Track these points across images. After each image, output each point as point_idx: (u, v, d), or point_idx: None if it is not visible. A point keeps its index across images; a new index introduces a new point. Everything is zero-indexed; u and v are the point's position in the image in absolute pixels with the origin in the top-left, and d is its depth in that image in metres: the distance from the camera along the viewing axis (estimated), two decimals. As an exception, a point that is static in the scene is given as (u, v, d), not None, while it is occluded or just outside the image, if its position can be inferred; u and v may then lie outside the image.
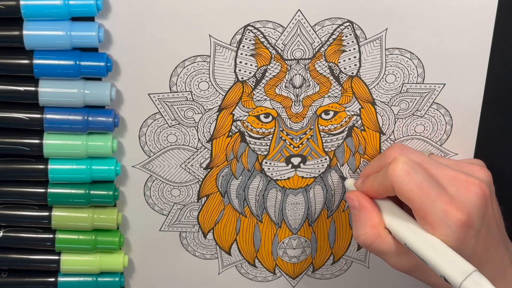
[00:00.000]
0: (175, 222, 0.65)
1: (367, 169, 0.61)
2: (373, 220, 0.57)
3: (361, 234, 0.57)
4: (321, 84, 0.60)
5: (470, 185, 0.55)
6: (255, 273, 0.68)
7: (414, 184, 0.54)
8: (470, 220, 0.54)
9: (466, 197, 0.55)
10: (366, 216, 0.57)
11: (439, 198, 0.54)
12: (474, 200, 0.55)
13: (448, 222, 0.54)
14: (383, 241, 0.57)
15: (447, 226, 0.54)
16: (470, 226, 0.54)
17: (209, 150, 0.62)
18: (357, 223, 0.58)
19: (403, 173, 0.55)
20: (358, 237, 0.57)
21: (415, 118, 0.62)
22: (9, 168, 0.59)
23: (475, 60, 0.60)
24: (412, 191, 0.54)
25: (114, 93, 0.58)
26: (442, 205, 0.54)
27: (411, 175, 0.55)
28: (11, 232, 0.62)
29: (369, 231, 0.57)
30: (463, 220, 0.54)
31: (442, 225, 0.54)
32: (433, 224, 0.54)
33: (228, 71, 0.59)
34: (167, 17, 0.57)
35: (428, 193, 0.54)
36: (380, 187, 0.57)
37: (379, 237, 0.57)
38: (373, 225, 0.57)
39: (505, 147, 0.64)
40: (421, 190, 0.54)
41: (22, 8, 0.54)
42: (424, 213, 0.54)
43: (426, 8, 0.58)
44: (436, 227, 0.54)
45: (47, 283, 0.63)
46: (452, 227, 0.54)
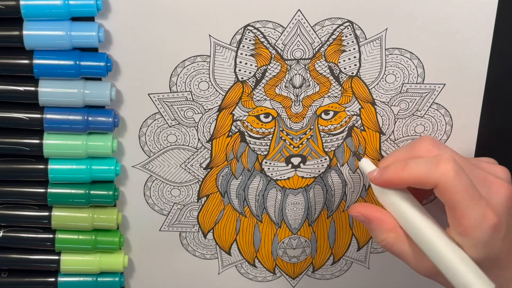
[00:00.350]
0: (175, 222, 0.65)
1: (390, 157, 0.58)
2: (386, 226, 0.56)
3: (381, 241, 0.56)
4: (321, 84, 0.60)
5: (499, 187, 0.55)
6: (255, 273, 0.68)
7: (462, 187, 0.53)
8: (500, 223, 0.53)
9: (497, 199, 0.54)
10: (379, 226, 0.56)
11: (479, 201, 0.53)
12: (503, 202, 0.54)
13: (484, 226, 0.53)
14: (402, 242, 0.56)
15: (482, 230, 0.53)
16: (500, 230, 0.53)
17: (209, 150, 0.62)
18: (373, 232, 0.57)
19: (454, 174, 0.53)
20: (379, 243, 0.57)
21: (415, 118, 0.62)
22: (9, 168, 0.59)
23: (475, 60, 0.60)
24: (459, 193, 0.53)
25: (114, 93, 0.58)
26: (482, 208, 0.53)
27: (460, 177, 0.53)
28: (11, 232, 0.62)
29: (388, 237, 0.56)
30: (497, 223, 0.53)
31: (476, 229, 0.53)
32: (467, 227, 0.53)
33: (228, 71, 0.59)
34: (167, 17, 0.57)
35: (472, 196, 0.53)
36: (414, 178, 0.54)
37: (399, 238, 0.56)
38: (388, 230, 0.56)
39: (505, 147, 0.64)
40: (467, 193, 0.53)
41: (22, 8, 0.54)
42: (462, 215, 0.53)
43: (426, 8, 0.58)
44: (469, 230, 0.53)
45: (47, 283, 0.63)
46: (487, 231, 0.53)
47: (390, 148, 0.63)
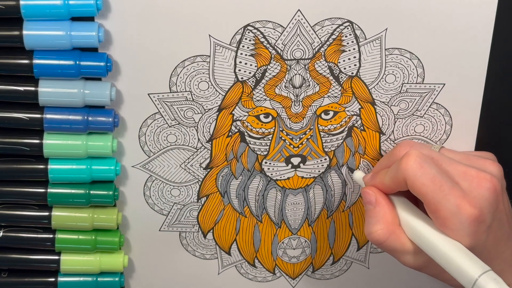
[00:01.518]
0: (175, 222, 0.65)
1: (377, 166, 0.61)
2: (388, 216, 0.57)
3: (375, 231, 0.56)
4: (321, 84, 0.60)
5: (481, 180, 0.55)
6: (255, 273, 0.68)
7: (427, 178, 0.54)
8: (482, 215, 0.53)
9: (478, 192, 0.54)
10: (381, 212, 0.57)
11: (452, 192, 0.53)
12: (486, 195, 0.54)
13: (460, 217, 0.53)
14: (396, 239, 0.56)
15: (459, 221, 0.53)
16: (482, 222, 0.54)
17: (209, 150, 0.62)
18: (371, 219, 0.57)
19: (416, 166, 0.54)
20: (371, 233, 0.56)
21: (415, 118, 0.62)
22: (9, 168, 0.59)
23: (475, 60, 0.60)
24: (425, 185, 0.54)
25: (114, 93, 0.58)
26: (455, 199, 0.53)
27: (424, 168, 0.54)
28: (11, 232, 0.62)
29: (384, 228, 0.56)
30: (476, 215, 0.53)
31: (454, 220, 0.53)
32: (445, 218, 0.53)
33: (228, 71, 0.59)
34: (167, 17, 0.57)
35: (441, 186, 0.53)
36: (391, 181, 0.56)
37: (393, 234, 0.56)
38: (388, 222, 0.56)
39: (505, 147, 0.64)
40: (434, 184, 0.54)
41: (22, 8, 0.54)
42: (436, 207, 0.54)
43: (426, 8, 0.58)
44: (448, 222, 0.53)
45: (47, 283, 0.63)
46: (464, 222, 0.53)
47: (390, 148, 0.63)
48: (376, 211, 0.57)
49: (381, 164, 0.61)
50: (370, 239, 0.57)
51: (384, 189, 0.58)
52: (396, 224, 0.57)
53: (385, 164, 0.60)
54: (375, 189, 0.58)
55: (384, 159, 0.61)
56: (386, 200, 0.57)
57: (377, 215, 0.57)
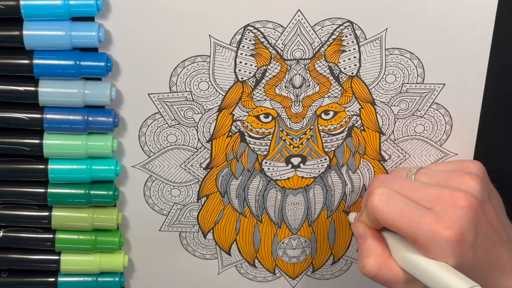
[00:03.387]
0: (175, 222, 0.65)
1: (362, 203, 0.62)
2: (378, 248, 0.58)
3: (366, 264, 0.57)
4: (321, 84, 0.60)
5: (455, 199, 0.55)
6: (255, 273, 0.68)
7: (395, 212, 0.55)
8: (460, 235, 0.54)
9: (453, 213, 0.55)
10: (372, 245, 0.58)
11: (422, 219, 0.54)
12: (462, 214, 0.55)
13: (439, 241, 0.54)
14: (389, 270, 0.57)
15: (439, 246, 0.54)
16: (462, 241, 0.54)
17: (209, 150, 0.62)
18: (363, 253, 0.58)
19: (381, 204, 0.55)
20: (363, 267, 0.57)
21: (415, 118, 0.62)
22: (9, 168, 0.59)
23: (475, 60, 0.60)
24: (395, 219, 0.55)
25: (114, 93, 0.58)
26: (428, 225, 0.54)
27: (389, 205, 0.55)
28: (11, 232, 0.62)
29: (375, 260, 0.57)
30: (453, 236, 0.54)
31: (433, 245, 0.54)
32: (425, 245, 0.54)
33: (228, 71, 0.59)
34: (167, 17, 0.57)
35: (410, 217, 0.54)
36: (368, 221, 0.58)
37: (385, 265, 0.57)
38: (378, 254, 0.57)
39: (505, 147, 0.64)
40: (403, 217, 0.55)
41: (22, 8, 0.54)
42: (414, 237, 0.55)
43: (426, 8, 0.58)
44: (428, 248, 0.54)
45: (47, 283, 0.63)
46: (444, 246, 0.54)
47: (390, 148, 0.63)
48: (366, 245, 0.58)
49: (363, 202, 0.62)
50: (363, 273, 0.58)
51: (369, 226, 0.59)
52: (386, 255, 0.57)
53: (364, 202, 0.61)
54: (363, 224, 0.59)
55: (364, 198, 0.62)
56: (375, 233, 0.58)
57: (368, 248, 0.58)
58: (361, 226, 0.59)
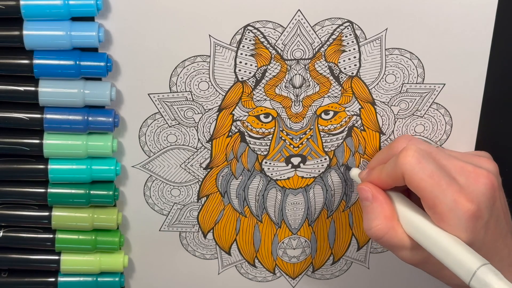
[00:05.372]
0: (175, 222, 0.65)
1: (374, 160, 0.61)
2: (386, 211, 0.56)
3: (373, 226, 0.56)
4: (321, 84, 0.60)
5: (478, 175, 0.55)
6: (255, 273, 0.68)
7: (425, 173, 0.54)
8: (479, 210, 0.53)
9: (475, 187, 0.54)
10: (379, 207, 0.56)
11: (449, 187, 0.53)
12: (483, 191, 0.54)
13: (458, 212, 0.53)
14: (395, 234, 0.56)
15: (457, 217, 0.53)
16: (479, 217, 0.53)
17: (209, 150, 0.62)
18: (369, 215, 0.57)
19: (414, 161, 0.54)
20: (370, 229, 0.56)
21: (415, 118, 0.62)
22: (9, 168, 0.59)
23: (475, 60, 0.60)
24: (423, 180, 0.54)
25: (114, 93, 0.58)
26: (453, 194, 0.53)
27: (422, 164, 0.54)
28: (11, 232, 0.62)
29: (382, 223, 0.56)
30: (473, 210, 0.53)
31: (451, 215, 0.53)
32: (442, 214, 0.53)
33: (228, 71, 0.59)
34: (167, 17, 0.57)
35: (438, 181, 0.53)
36: (388, 176, 0.56)
37: (392, 229, 0.56)
38: (386, 217, 0.56)
39: (505, 147, 0.64)
40: (432, 179, 0.53)
41: (22, 8, 0.54)
42: (434, 202, 0.53)
43: (426, 8, 0.58)
44: (445, 217, 0.53)
45: (47, 283, 0.63)
46: (461, 218, 0.53)
47: (390, 148, 0.63)
48: (373, 207, 0.57)
49: (377, 159, 0.60)
50: (369, 235, 0.57)
51: (380, 185, 0.58)
52: (394, 219, 0.56)
53: (382, 158, 0.59)
54: (371, 185, 0.58)
55: (381, 154, 0.60)
56: (383, 195, 0.57)
57: (375, 210, 0.57)
58: (368, 187, 0.57)
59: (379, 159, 0.60)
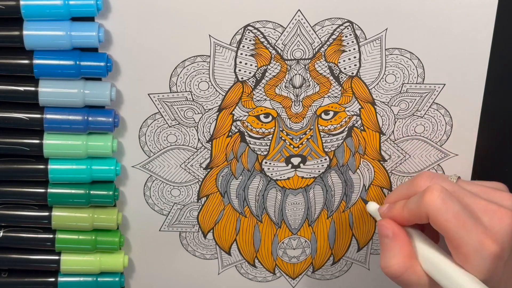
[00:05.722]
0: (175, 222, 0.65)
1: (393, 195, 0.60)
2: (405, 250, 0.56)
3: (392, 265, 0.55)
4: (321, 84, 0.60)
5: (503, 215, 0.54)
6: (255, 273, 0.68)
7: (451, 214, 0.53)
8: (502, 251, 0.53)
9: (499, 227, 0.54)
10: (398, 245, 0.56)
11: (474, 228, 0.53)
12: (507, 231, 0.54)
13: (483, 253, 0.53)
14: (413, 273, 0.55)
15: (481, 257, 0.53)
16: (501, 258, 0.54)
17: (209, 150, 0.62)
18: (388, 253, 0.56)
19: (440, 202, 0.54)
20: (388, 267, 0.55)
21: (415, 118, 0.62)
22: (9, 168, 0.59)
23: (475, 60, 0.60)
24: (448, 221, 0.53)
25: (114, 93, 0.58)
26: (478, 235, 0.53)
27: (447, 204, 0.54)
28: (11, 232, 0.62)
29: (401, 262, 0.55)
30: (497, 251, 0.53)
31: (476, 257, 0.53)
32: (466, 254, 0.53)
33: (228, 71, 0.59)
34: (167, 17, 0.57)
35: (464, 222, 0.53)
36: (411, 214, 0.56)
37: (410, 268, 0.55)
38: (405, 255, 0.55)
39: (505, 147, 0.64)
40: (458, 220, 0.53)
41: (22, 8, 0.54)
42: (459, 243, 0.53)
43: (426, 8, 0.58)
44: (469, 258, 0.53)
45: (47, 283, 0.63)
46: (486, 259, 0.53)
47: (390, 148, 0.63)
48: (393, 245, 0.56)
49: (398, 195, 0.59)
50: (386, 273, 0.56)
51: (401, 221, 0.57)
52: (413, 258, 0.56)
53: (403, 194, 0.59)
54: (392, 222, 0.57)
55: (402, 190, 0.59)
56: (403, 233, 0.57)
57: (394, 248, 0.56)
58: (390, 225, 0.57)
59: (398, 195, 0.59)
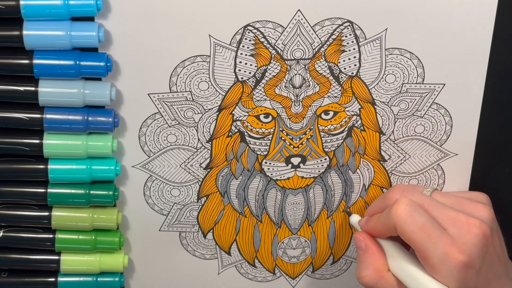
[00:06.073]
0: (175, 222, 0.65)
1: (370, 209, 0.62)
2: (377, 262, 0.58)
3: (364, 276, 0.58)
4: (321, 84, 0.60)
5: (471, 226, 0.55)
6: (255, 273, 0.68)
7: (416, 226, 0.55)
8: (470, 261, 0.54)
9: (467, 238, 0.55)
10: (371, 258, 0.59)
11: (440, 240, 0.55)
12: (475, 242, 0.55)
13: (449, 264, 0.54)
14: (385, 283, 0.58)
15: (448, 268, 0.54)
16: (470, 267, 0.55)
17: (209, 150, 0.62)
18: (361, 264, 0.59)
19: (406, 214, 0.55)
20: (361, 278, 0.59)
21: (415, 118, 0.62)
22: (9, 168, 0.59)
23: (475, 60, 0.60)
24: (414, 232, 0.55)
25: (114, 93, 0.58)
26: (444, 247, 0.54)
27: (413, 217, 0.55)
28: (11, 232, 0.62)
29: (372, 273, 0.58)
30: (464, 261, 0.54)
31: (443, 267, 0.54)
32: (434, 265, 0.55)
33: (228, 71, 0.59)
34: (167, 17, 0.57)
35: (429, 234, 0.55)
36: (383, 227, 0.58)
37: (382, 279, 0.58)
38: (376, 268, 0.58)
39: (505, 147, 0.64)
40: (423, 232, 0.55)
41: (22, 8, 0.54)
42: (426, 254, 0.55)
43: (426, 8, 0.58)
44: (437, 269, 0.55)
45: (47, 283, 0.63)
46: (453, 269, 0.54)
47: (390, 148, 0.63)
48: (365, 257, 0.59)
49: (374, 207, 0.62)
50: (361, 283, 0.59)
51: (376, 234, 0.59)
52: (384, 270, 0.58)
53: (377, 207, 0.61)
54: (365, 235, 0.60)
55: (377, 203, 0.62)
56: (376, 246, 0.59)
57: (367, 260, 0.59)
58: (363, 238, 0.59)
59: (375, 208, 0.62)
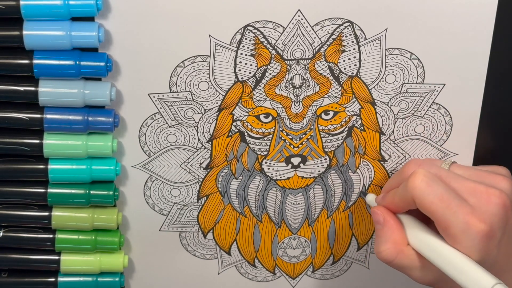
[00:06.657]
0: (175, 222, 0.65)
1: (387, 185, 0.61)
2: (396, 236, 0.57)
3: (383, 250, 0.57)
4: (321, 84, 0.60)
5: (490, 196, 0.55)
6: (255, 273, 0.68)
7: (435, 196, 0.54)
8: (491, 230, 0.54)
9: (487, 208, 0.54)
10: (389, 231, 0.57)
11: (460, 209, 0.54)
12: (495, 211, 0.54)
13: (470, 233, 0.53)
14: (405, 257, 0.57)
15: (469, 238, 0.54)
16: (491, 237, 0.54)
17: (209, 150, 0.62)
18: (380, 239, 0.58)
19: (424, 185, 0.54)
20: (380, 252, 0.57)
21: (415, 118, 0.62)
22: (9, 168, 0.59)
23: (475, 60, 0.60)
24: (433, 203, 0.54)
25: (114, 93, 0.58)
26: (464, 216, 0.54)
27: (431, 187, 0.54)
28: (11, 232, 0.62)
29: (391, 247, 0.57)
30: (485, 231, 0.54)
31: (464, 237, 0.54)
32: (455, 235, 0.54)
33: (228, 71, 0.59)
34: (167, 17, 0.57)
35: (449, 204, 0.54)
36: (401, 201, 0.57)
37: (401, 253, 0.57)
38: (395, 241, 0.57)
39: (505, 147, 0.64)
40: (442, 202, 0.54)
41: (22, 8, 0.54)
42: (446, 224, 0.54)
43: (426, 8, 0.58)
44: (458, 239, 0.54)
45: (47, 283, 0.63)
46: (474, 239, 0.53)
47: (390, 148, 0.63)
48: (384, 231, 0.58)
49: (390, 183, 0.61)
50: (379, 258, 0.57)
51: (394, 209, 0.58)
52: (404, 244, 0.57)
53: (394, 183, 0.60)
54: (383, 209, 0.59)
55: (393, 178, 0.61)
56: (394, 220, 0.58)
57: (385, 234, 0.58)
58: (381, 211, 0.58)
59: (391, 184, 0.61)
